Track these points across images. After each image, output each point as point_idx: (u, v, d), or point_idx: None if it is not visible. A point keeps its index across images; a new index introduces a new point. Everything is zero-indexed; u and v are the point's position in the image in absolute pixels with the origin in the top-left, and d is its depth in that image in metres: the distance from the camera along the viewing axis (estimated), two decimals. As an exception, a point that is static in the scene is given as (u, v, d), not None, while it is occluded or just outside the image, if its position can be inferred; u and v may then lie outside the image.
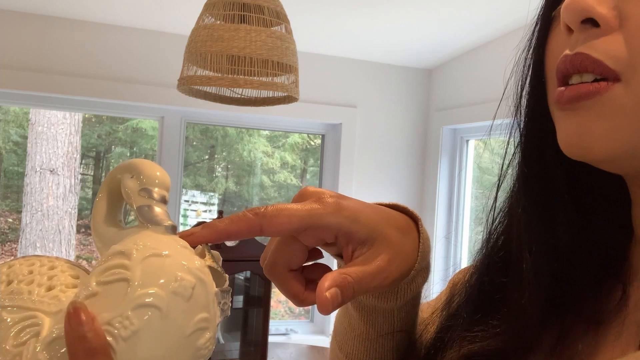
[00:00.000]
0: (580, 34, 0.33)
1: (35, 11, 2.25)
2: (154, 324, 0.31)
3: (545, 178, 0.40)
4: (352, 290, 0.38)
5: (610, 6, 0.32)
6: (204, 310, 0.33)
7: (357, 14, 2.17)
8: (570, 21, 0.34)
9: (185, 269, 0.33)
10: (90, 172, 7.18)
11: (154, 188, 0.37)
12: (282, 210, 0.38)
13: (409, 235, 0.42)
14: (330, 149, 2.81)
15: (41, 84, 2.27)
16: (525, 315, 0.39)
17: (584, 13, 0.33)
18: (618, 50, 0.32)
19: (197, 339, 0.32)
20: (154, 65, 2.41)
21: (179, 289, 0.32)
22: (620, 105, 0.32)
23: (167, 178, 0.39)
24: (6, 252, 6.15)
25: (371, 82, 2.77)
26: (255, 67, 1.39)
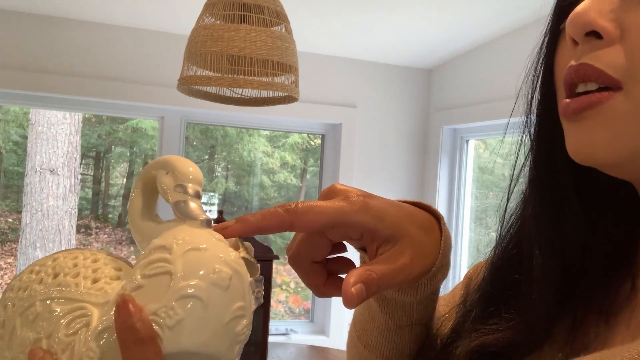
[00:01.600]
0: (585, 45, 0.36)
1: (35, 11, 2.25)
2: (196, 313, 0.33)
3: (554, 181, 0.42)
4: (376, 286, 0.40)
5: (611, 19, 0.34)
6: (241, 299, 0.35)
7: (357, 14, 2.16)
8: (575, 34, 0.36)
9: (222, 261, 0.35)
10: (90, 172, 7.18)
11: (188, 184, 0.40)
12: (312, 207, 0.40)
13: (431, 234, 0.44)
14: (330, 149, 2.81)
15: (41, 84, 2.27)
16: (537, 309, 0.41)
17: (587, 26, 0.35)
18: (619, 60, 0.34)
19: (235, 326, 0.35)
20: (154, 65, 2.41)
21: (217, 280, 0.34)
22: (620, 113, 0.34)
23: (200, 174, 0.41)
24: (6, 252, 6.15)
25: (371, 82, 2.78)
26: (255, 67, 1.39)
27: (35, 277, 0.39)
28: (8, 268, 6.02)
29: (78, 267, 0.39)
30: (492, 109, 2.29)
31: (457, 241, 2.68)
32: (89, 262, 0.39)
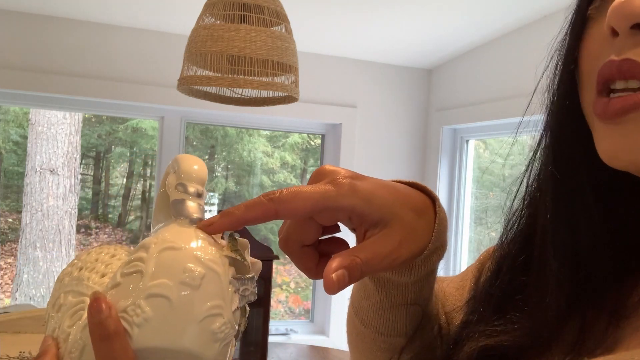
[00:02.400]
0: (628, 39, 0.32)
1: (35, 11, 2.25)
2: (163, 311, 0.34)
3: (574, 183, 0.39)
4: (359, 272, 0.39)
5: None
6: (216, 298, 0.35)
7: (357, 14, 2.16)
8: (619, 25, 0.32)
9: (196, 259, 0.35)
10: (90, 172, 7.17)
11: (189, 183, 0.39)
12: (297, 194, 0.39)
13: (425, 215, 0.43)
14: (330, 149, 2.81)
15: (41, 84, 2.27)
16: (547, 312, 0.39)
17: (634, 18, 0.31)
18: None
19: (210, 324, 0.34)
20: (154, 65, 2.41)
21: (187, 279, 0.34)
22: None
23: (203, 172, 0.40)
24: (6, 252, 6.15)
25: (371, 82, 2.77)
26: (255, 67, 1.39)
27: (70, 269, 0.41)
28: (8, 268, 6.02)
29: (97, 261, 0.40)
30: (492, 109, 2.29)
31: (457, 241, 2.68)
32: (107, 258, 0.40)
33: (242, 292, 0.36)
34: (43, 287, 5.30)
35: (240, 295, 0.36)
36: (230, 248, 0.37)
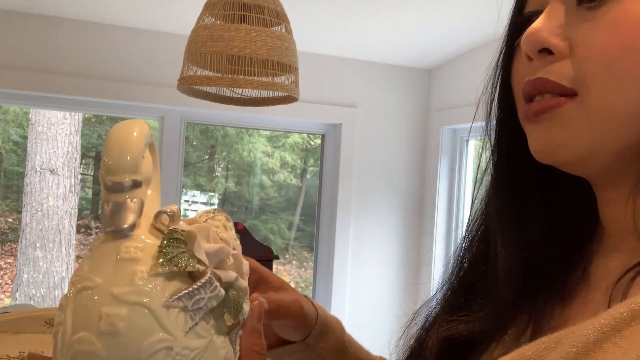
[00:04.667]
0: (539, 61, 0.40)
1: (35, 11, 2.25)
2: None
3: (515, 181, 0.47)
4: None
5: (561, 37, 0.39)
6: (153, 333, 0.29)
7: (357, 14, 2.16)
8: (529, 51, 0.41)
9: (113, 299, 0.29)
10: (90, 172, 7.17)
11: (109, 176, 0.31)
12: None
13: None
14: (330, 149, 2.81)
15: (41, 84, 2.27)
16: (502, 299, 0.45)
17: (540, 44, 0.40)
18: (570, 72, 0.39)
19: (161, 357, 0.29)
20: (154, 65, 2.41)
21: (105, 327, 0.29)
22: (575, 117, 0.39)
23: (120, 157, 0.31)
24: (6, 252, 6.15)
25: (371, 82, 2.77)
26: (255, 67, 1.39)
27: None
28: (8, 268, 6.02)
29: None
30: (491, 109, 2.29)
31: (457, 241, 2.68)
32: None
33: (192, 306, 0.30)
34: (43, 287, 5.30)
35: (192, 310, 0.30)
36: (165, 259, 0.30)
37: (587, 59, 0.38)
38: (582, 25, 0.39)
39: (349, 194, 2.74)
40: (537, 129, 0.41)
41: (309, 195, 6.10)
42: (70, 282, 0.31)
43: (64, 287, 5.36)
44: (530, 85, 0.41)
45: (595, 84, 0.38)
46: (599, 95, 0.38)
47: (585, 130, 0.38)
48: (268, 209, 6.31)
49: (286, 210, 6.37)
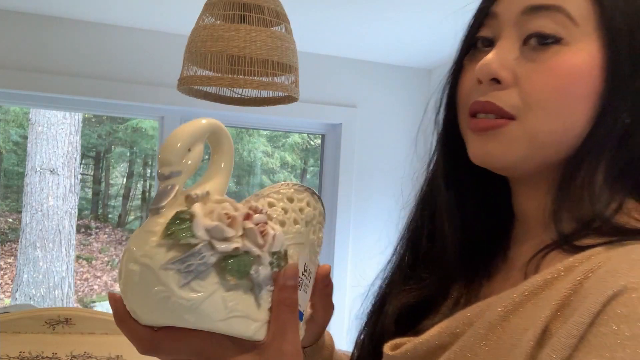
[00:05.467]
0: (488, 86, 0.50)
1: (35, 11, 2.25)
2: (131, 299, 0.42)
3: (457, 175, 0.58)
4: None
5: (508, 70, 0.49)
6: (157, 285, 0.40)
7: (357, 14, 2.17)
8: (482, 78, 0.51)
9: (132, 258, 0.41)
10: (90, 172, 7.17)
11: (159, 170, 0.43)
12: None
13: None
14: (330, 149, 2.81)
15: (41, 84, 2.27)
16: (444, 270, 0.57)
17: (491, 75, 0.50)
18: (514, 100, 0.49)
19: (164, 302, 0.40)
20: (154, 65, 2.41)
21: (127, 278, 0.42)
22: (513, 136, 0.49)
23: (163, 153, 0.43)
24: (6, 252, 6.15)
25: (371, 82, 2.77)
26: (255, 67, 1.39)
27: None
28: (8, 268, 6.02)
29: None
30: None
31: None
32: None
33: (185, 268, 0.40)
34: (43, 287, 5.30)
35: (184, 272, 0.40)
36: (167, 232, 0.41)
37: (528, 92, 0.49)
38: (527, 64, 0.49)
39: (349, 194, 2.74)
40: (479, 140, 0.52)
41: (309, 195, 6.09)
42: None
43: (64, 287, 5.36)
44: (479, 105, 0.51)
45: (532, 114, 0.49)
46: (533, 123, 0.49)
47: (517, 148, 0.49)
48: (268, 209, 6.29)
49: (286, 210, 6.35)
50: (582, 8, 0.48)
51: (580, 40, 0.48)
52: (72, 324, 1.32)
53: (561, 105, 0.48)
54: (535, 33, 0.49)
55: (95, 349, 1.28)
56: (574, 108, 0.48)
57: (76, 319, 1.32)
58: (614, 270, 0.41)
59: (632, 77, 0.48)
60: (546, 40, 0.48)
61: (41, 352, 1.25)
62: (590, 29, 0.48)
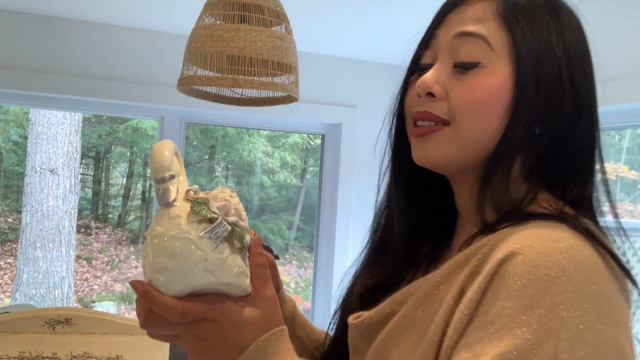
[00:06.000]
0: (425, 99, 0.64)
1: (35, 11, 2.25)
2: (169, 274, 0.53)
3: (406, 175, 0.70)
4: None
5: (441, 86, 0.63)
6: (196, 251, 0.52)
7: (357, 14, 2.17)
8: (420, 92, 0.64)
9: (170, 236, 0.53)
10: (90, 172, 7.17)
11: (153, 175, 0.55)
12: None
13: None
14: (330, 149, 2.81)
15: (41, 84, 2.27)
16: (397, 256, 0.70)
17: (427, 90, 0.63)
18: (446, 109, 0.63)
19: (202, 264, 0.52)
20: (154, 65, 2.41)
21: (169, 252, 0.52)
22: (445, 139, 0.63)
23: (157, 160, 0.55)
24: (6, 252, 6.15)
25: (371, 82, 2.77)
26: (255, 67, 1.39)
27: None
28: (8, 268, 6.02)
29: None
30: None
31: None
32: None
33: (214, 235, 0.53)
34: (43, 287, 5.30)
35: (214, 238, 0.53)
36: (194, 213, 0.53)
37: (455, 104, 0.62)
38: (455, 81, 0.63)
39: (349, 194, 2.74)
40: (419, 144, 0.65)
41: (309, 195, 6.10)
42: (146, 234, 0.54)
43: (64, 287, 5.36)
44: (418, 115, 0.64)
45: (459, 120, 0.62)
46: (460, 128, 0.62)
47: (448, 148, 0.62)
48: (268, 209, 6.31)
49: (286, 210, 6.37)
50: (499, 37, 0.62)
51: (496, 63, 0.61)
52: (72, 324, 1.32)
53: (480, 115, 0.61)
54: (459, 61, 0.63)
55: (95, 349, 1.28)
56: (490, 117, 0.61)
57: (76, 319, 1.32)
58: (508, 241, 0.53)
59: (536, 95, 0.60)
60: (467, 65, 0.62)
61: (41, 352, 1.25)
62: (504, 54, 0.61)
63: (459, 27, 0.64)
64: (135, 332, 1.35)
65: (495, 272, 0.51)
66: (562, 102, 0.61)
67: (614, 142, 2.64)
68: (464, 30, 0.63)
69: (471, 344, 0.50)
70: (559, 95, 0.61)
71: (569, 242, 0.51)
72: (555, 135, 0.61)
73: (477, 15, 0.63)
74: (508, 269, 0.50)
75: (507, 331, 0.48)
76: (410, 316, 0.59)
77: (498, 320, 0.49)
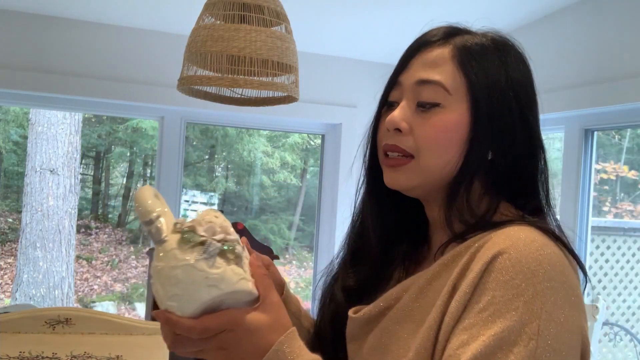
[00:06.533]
0: (393, 133, 0.74)
1: (35, 11, 2.25)
2: (180, 301, 0.60)
3: (379, 192, 0.80)
4: None
5: (406, 123, 0.73)
6: (197, 273, 0.59)
7: (357, 14, 2.17)
8: (389, 128, 0.74)
9: (170, 267, 0.59)
10: (90, 172, 7.17)
11: (141, 219, 0.62)
12: None
13: None
14: (330, 149, 2.81)
15: (41, 84, 2.27)
16: (373, 261, 0.81)
17: (395, 126, 0.73)
18: (410, 143, 0.72)
19: (204, 282, 0.59)
20: (154, 65, 2.41)
21: (174, 280, 0.60)
22: (411, 170, 0.73)
23: (140, 205, 0.62)
24: (6, 252, 6.15)
25: (371, 82, 2.77)
26: (255, 67, 1.39)
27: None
28: (8, 268, 6.02)
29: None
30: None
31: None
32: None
33: (207, 255, 0.59)
34: (43, 287, 5.30)
35: (208, 257, 0.59)
36: (185, 241, 0.59)
37: (418, 138, 0.72)
38: (418, 119, 0.72)
39: (349, 194, 2.74)
40: (390, 173, 0.75)
41: (309, 195, 6.10)
42: (151, 273, 0.61)
43: (64, 287, 5.36)
44: (388, 147, 0.74)
45: (423, 153, 0.72)
46: (424, 159, 0.72)
47: (414, 178, 0.73)
48: (268, 209, 6.31)
49: (286, 210, 6.37)
50: (455, 81, 0.72)
51: (453, 103, 0.71)
52: (72, 324, 1.32)
53: (440, 149, 0.71)
54: (421, 101, 0.72)
55: (95, 349, 1.28)
56: (450, 149, 0.71)
57: (76, 319, 1.32)
58: (494, 242, 0.64)
59: (488, 128, 0.71)
60: (428, 105, 0.72)
61: (41, 352, 1.25)
62: (460, 95, 0.71)
63: (419, 74, 0.74)
64: (135, 332, 1.35)
65: (485, 269, 0.62)
66: (513, 133, 0.71)
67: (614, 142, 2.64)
68: (422, 79, 0.73)
69: (467, 327, 0.61)
70: (510, 127, 0.71)
71: (542, 242, 0.63)
72: (508, 160, 0.72)
73: (435, 60, 0.74)
74: (496, 265, 0.62)
75: (499, 315, 0.59)
76: (407, 307, 0.70)
77: (490, 307, 0.60)
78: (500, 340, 0.58)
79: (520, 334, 0.58)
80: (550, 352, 0.58)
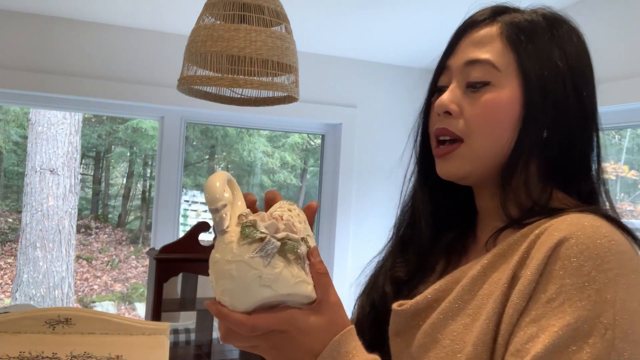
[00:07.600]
0: (443, 117, 0.72)
1: (35, 11, 2.25)
2: (233, 295, 0.58)
3: (429, 180, 0.78)
4: None
5: (456, 105, 0.71)
6: (250, 271, 0.56)
7: (357, 14, 2.17)
8: (439, 111, 0.72)
9: (226, 261, 0.57)
10: (90, 172, 7.17)
11: (208, 207, 0.60)
12: None
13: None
14: (330, 149, 2.81)
15: (41, 84, 2.27)
16: (423, 251, 0.78)
17: (445, 109, 0.71)
18: (461, 126, 0.70)
19: (258, 281, 0.56)
20: (154, 65, 2.41)
21: (228, 275, 0.57)
22: (462, 156, 0.71)
23: (209, 192, 0.59)
24: (6, 252, 6.15)
25: (371, 82, 2.78)
26: (255, 67, 1.39)
27: None
28: (8, 268, 6.02)
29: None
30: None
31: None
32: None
33: (265, 252, 0.57)
34: (43, 287, 5.30)
35: (264, 255, 0.57)
36: (244, 236, 0.57)
37: (469, 120, 0.70)
38: (467, 100, 0.70)
39: (349, 194, 2.74)
40: (441, 163, 0.73)
41: (309, 195, 6.10)
42: (209, 261, 0.59)
43: (64, 287, 5.36)
44: (438, 131, 0.72)
45: (473, 135, 0.70)
46: (474, 141, 0.70)
47: (465, 164, 0.71)
48: (268, 209, 6.28)
49: (286, 210, 6.35)
50: (505, 58, 0.69)
51: (503, 81, 0.69)
52: (72, 324, 1.32)
53: (491, 127, 0.69)
54: (471, 81, 0.71)
55: (95, 349, 1.28)
56: (500, 128, 0.69)
57: (76, 319, 1.32)
58: (556, 228, 0.61)
59: (542, 105, 0.68)
60: (478, 85, 0.70)
61: (41, 352, 1.25)
62: (510, 73, 0.69)
63: (467, 55, 0.72)
64: (135, 332, 1.35)
65: (550, 256, 0.59)
66: (567, 109, 0.68)
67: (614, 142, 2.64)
68: (471, 59, 0.72)
69: (535, 319, 0.58)
70: (564, 103, 0.68)
71: (608, 228, 0.60)
72: (563, 138, 0.69)
73: (483, 40, 0.72)
74: (563, 251, 0.58)
75: (570, 304, 0.56)
76: (460, 300, 0.66)
77: (560, 296, 0.57)
78: (574, 331, 0.55)
79: (595, 324, 0.55)
80: (628, 342, 0.55)
